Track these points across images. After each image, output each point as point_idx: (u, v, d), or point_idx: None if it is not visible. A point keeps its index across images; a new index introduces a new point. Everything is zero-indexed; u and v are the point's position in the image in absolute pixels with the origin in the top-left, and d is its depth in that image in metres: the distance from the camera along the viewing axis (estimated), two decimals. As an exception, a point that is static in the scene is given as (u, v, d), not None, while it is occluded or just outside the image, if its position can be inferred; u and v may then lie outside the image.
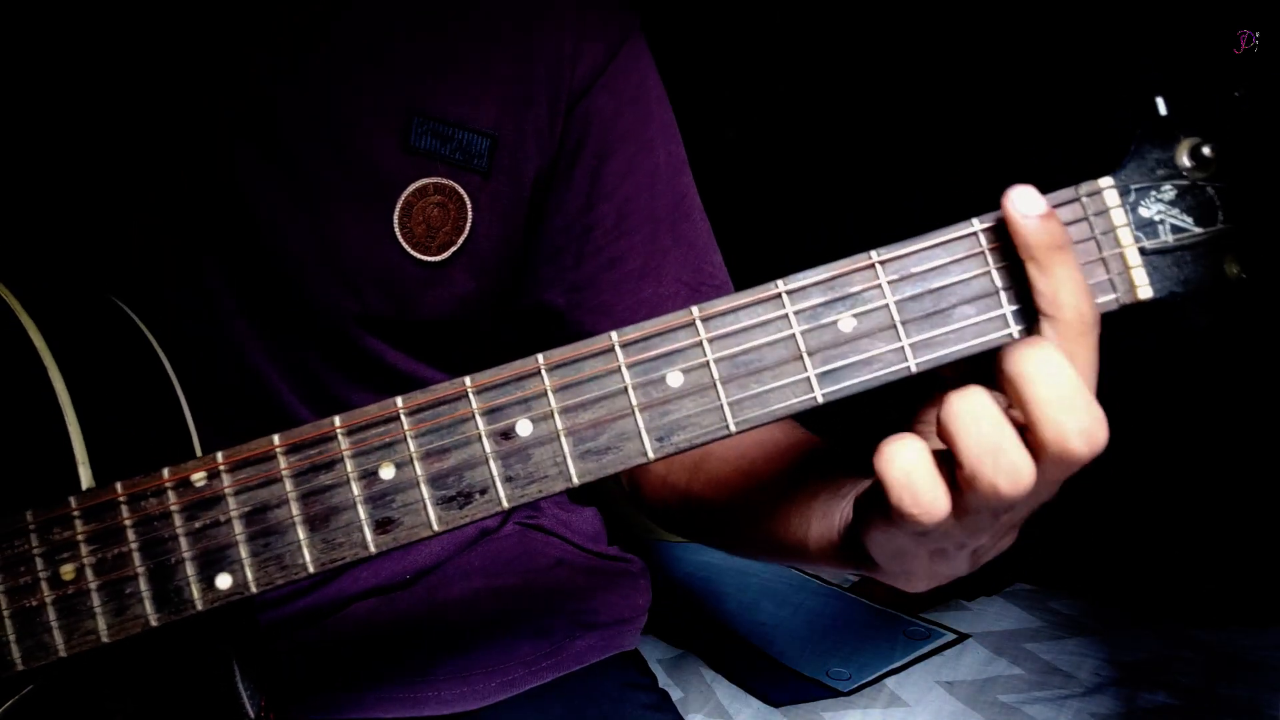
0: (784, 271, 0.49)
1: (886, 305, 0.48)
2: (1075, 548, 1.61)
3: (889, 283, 0.48)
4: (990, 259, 0.48)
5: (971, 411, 0.43)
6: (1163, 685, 1.21)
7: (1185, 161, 0.48)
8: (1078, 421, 0.42)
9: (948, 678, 1.28)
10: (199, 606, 0.49)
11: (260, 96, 0.68)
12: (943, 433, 0.43)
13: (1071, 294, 0.45)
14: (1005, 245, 0.47)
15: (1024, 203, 0.45)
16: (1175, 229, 0.48)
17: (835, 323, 0.48)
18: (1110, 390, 0.48)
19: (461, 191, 0.72)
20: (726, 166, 2.34)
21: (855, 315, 0.48)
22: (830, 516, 0.57)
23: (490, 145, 0.72)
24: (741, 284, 0.82)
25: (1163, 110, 0.48)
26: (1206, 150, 0.47)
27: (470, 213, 0.72)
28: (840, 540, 0.56)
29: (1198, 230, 0.48)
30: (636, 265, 0.77)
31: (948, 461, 0.44)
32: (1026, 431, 0.43)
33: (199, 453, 0.64)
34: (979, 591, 1.51)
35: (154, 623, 0.50)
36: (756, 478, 0.68)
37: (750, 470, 0.69)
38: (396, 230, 0.70)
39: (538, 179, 0.74)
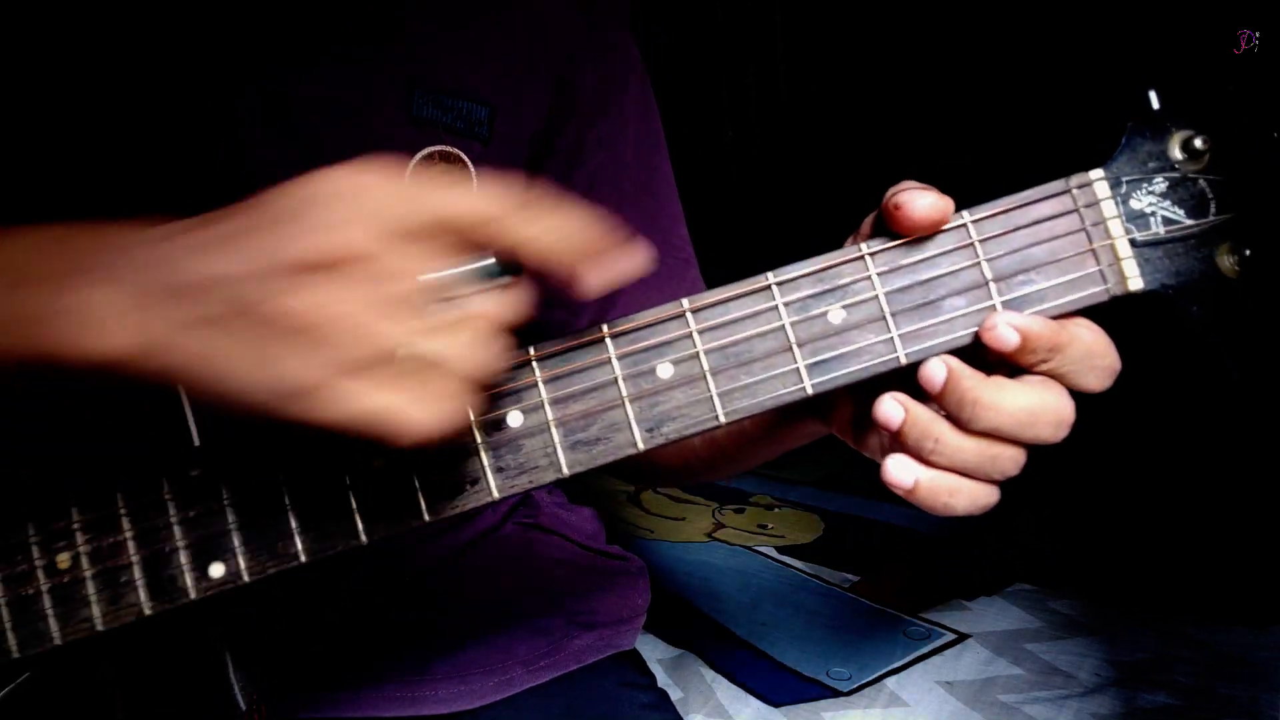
0: (777, 264, 0.49)
1: (876, 297, 0.48)
2: (1075, 548, 1.61)
3: (878, 274, 0.48)
4: (980, 250, 0.48)
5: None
6: (1163, 685, 1.21)
7: (1177, 154, 0.48)
8: None
9: (948, 678, 1.28)
10: (192, 595, 0.50)
11: (274, 84, 0.69)
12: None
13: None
14: (995, 237, 0.47)
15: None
16: (1167, 221, 0.48)
17: (825, 314, 0.48)
18: (1111, 390, 0.48)
19: (465, 159, 0.74)
20: (725, 165, 2.33)
21: (845, 307, 0.48)
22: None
23: (490, 114, 0.74)
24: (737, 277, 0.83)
25: (1155, 103, 0.48)
26: (1199, 143, 0.47)
27: (475, 180, 0.74)
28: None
29: (1189, 223, 0.48)
30: None
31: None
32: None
33: (196, 438, 0.64)
34: (979, 591, 1.51)
35: (148, 611, 0.50)
36: (727, 448, 0.69)
37: (720, 444, 0.70)
38: None
39: (531, 145, 0.77)
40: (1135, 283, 0.48)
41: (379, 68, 0.72)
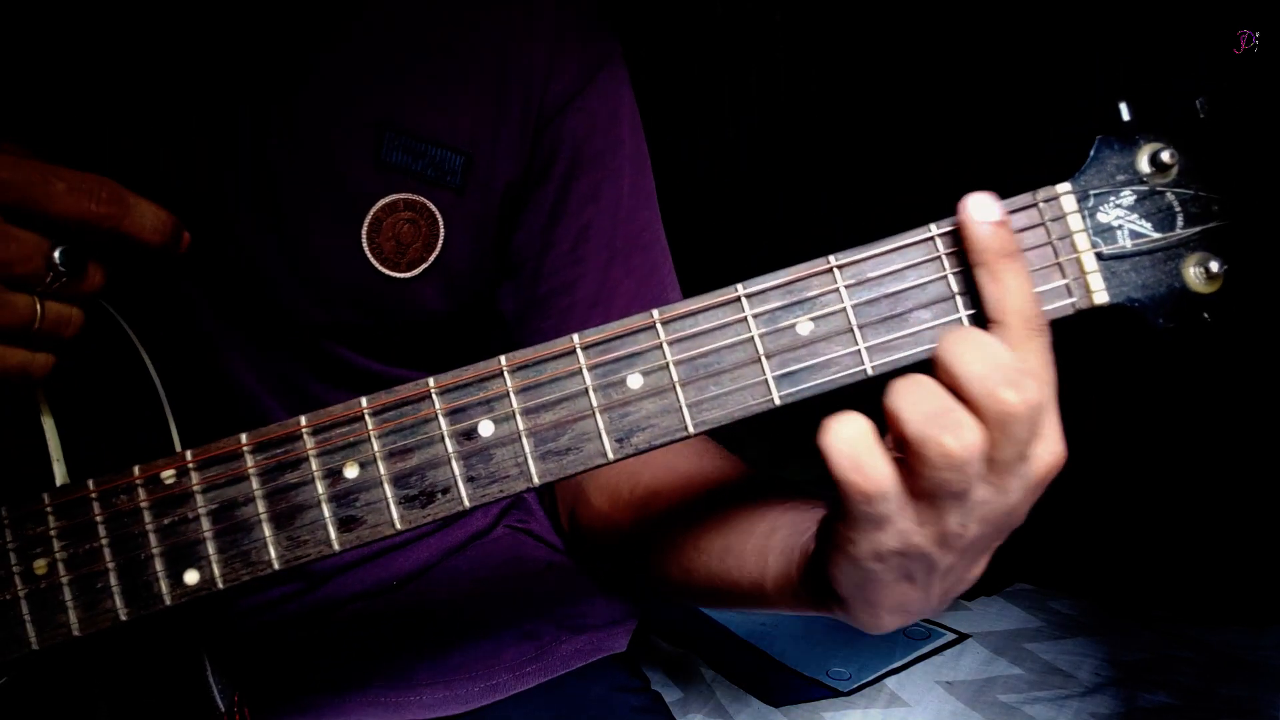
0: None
1: (844, 309, 0.48)
2: (1075, 548, 1.61)
3: (846, 287, 0.48)
4: (946, 263, 0.48)
5: (912, 386, 0.43)
6: (1163, 685, 1.21)
7: (1145, 167, 0.48)
8: (1004, 375, 0.42)
9: (948, 678, 1.28)
10: (167, 601, 0.50)
11: (251, 127, 0.68)
12: (888, 413, 0.44)
13: (1018, 300, 0.46)
14: (963, 250, 0.48)
15: (980, 209, 0.46)
16: (1134, 234, 0.48)
17: (793, 326, 0.48)
18: (1111, 392, 0.48)
19: (434, 209, 0.71)
20: (727, 165, 2.34)
21: (813, 319, 0.48)
22: (791, 552, 0.57)
23: (464, 163, 0.71)
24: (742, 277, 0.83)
25: (1126, 115, 0.48)
26: (1166, 156, 0.47)
27: (443, 230, 0.72)
28: (800, 576, 0.56)
29: (1156, 236, 0.48)
30: (588, 293, 0.77)
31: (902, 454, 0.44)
32: (967, 405, 0.44)
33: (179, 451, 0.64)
34: (979, 591, 1.51)
35: (123, 617, 0.50)
36: (710, 518, 0.67)
37: (704, 512, 0.67)
38: (365, 246, 0.70)
39: (507, 193, 0.74)
40: (1101, 296, 0.48)
41: (349, 105, 0.69)
